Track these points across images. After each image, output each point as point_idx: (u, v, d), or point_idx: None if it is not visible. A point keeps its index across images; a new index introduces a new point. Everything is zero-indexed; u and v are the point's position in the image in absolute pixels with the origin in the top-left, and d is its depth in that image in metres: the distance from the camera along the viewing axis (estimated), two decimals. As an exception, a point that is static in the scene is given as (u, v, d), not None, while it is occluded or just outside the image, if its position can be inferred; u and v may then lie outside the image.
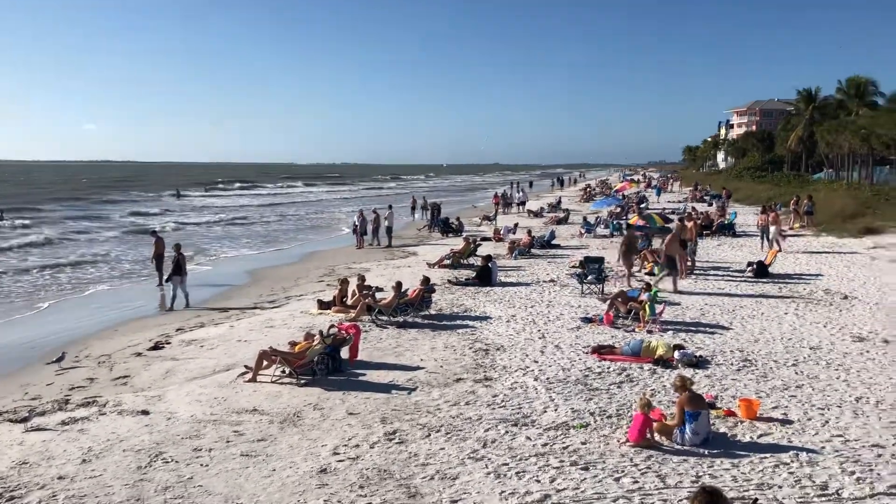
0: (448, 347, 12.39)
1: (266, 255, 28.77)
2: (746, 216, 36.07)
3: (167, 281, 17.81)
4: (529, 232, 26.94)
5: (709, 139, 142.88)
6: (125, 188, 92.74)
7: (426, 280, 15.59)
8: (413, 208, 43.69)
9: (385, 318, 14.41)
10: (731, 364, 11.15)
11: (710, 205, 46.96)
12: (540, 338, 12.94)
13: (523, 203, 48.59)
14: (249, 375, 10.78)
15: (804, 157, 76.18)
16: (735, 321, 14.16)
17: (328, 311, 15.50)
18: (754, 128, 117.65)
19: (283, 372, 10.85)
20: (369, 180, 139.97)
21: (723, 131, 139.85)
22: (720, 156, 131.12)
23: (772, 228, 24.57)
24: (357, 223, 29.62)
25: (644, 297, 14.23)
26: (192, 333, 14.36)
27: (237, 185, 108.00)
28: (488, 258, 19.66)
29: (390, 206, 31.45)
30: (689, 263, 19.85)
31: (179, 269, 17.56)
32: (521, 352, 12.00)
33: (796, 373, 10.69)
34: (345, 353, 11.49)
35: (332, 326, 11.95)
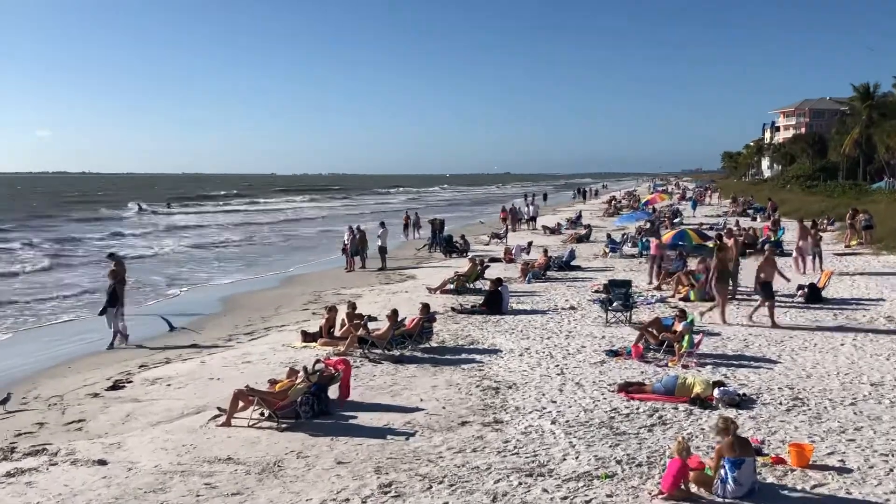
0: (452, 385, 12.37)
1: (243, 280, 28.80)
2: (795, 232, 36.01)
3: (101, 314, 17.16)
4: (545, 251, 26.99)
5: (751, 144, 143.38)
6: (86, 203, 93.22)
7: (426, 308, 15.60)
8: (406, 226, 43.55)
9: (379, 351, 14.41)
10: (780, 403, 11.11)
11: (755, 219, 47.06)
12: (558, 374, 12.93)
13: (534, 219, 48.44)
14: (223, 419, 10.77)
15: (861, 163, 76.36)
16: (784, 354, 14.13)
17: (313, 343, 15.49)
18: (803, 130, 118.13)
19: (262, 414, 10.81)
20: (371, 193, 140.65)
21: (767, 135, 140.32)
22: (765, 163, 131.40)
23: (800, 243, 24.81)
24: (346, 242, 29.66)
25: (679, 326, 14.20)
26: (157, 370, 14.36)
27: (216, 198, 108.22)
28: (498, 282, 19.69)
29: (383, 223, 31.52)
30: (729, 288, 19.83)
31: (115, 299, 17.03)
32: (537, 390, 11.97)
33: (855, 413, 10.64)
34: (333, 392, 11.49)
35: (318, 361, 11.94)
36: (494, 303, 18.86)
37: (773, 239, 31.26)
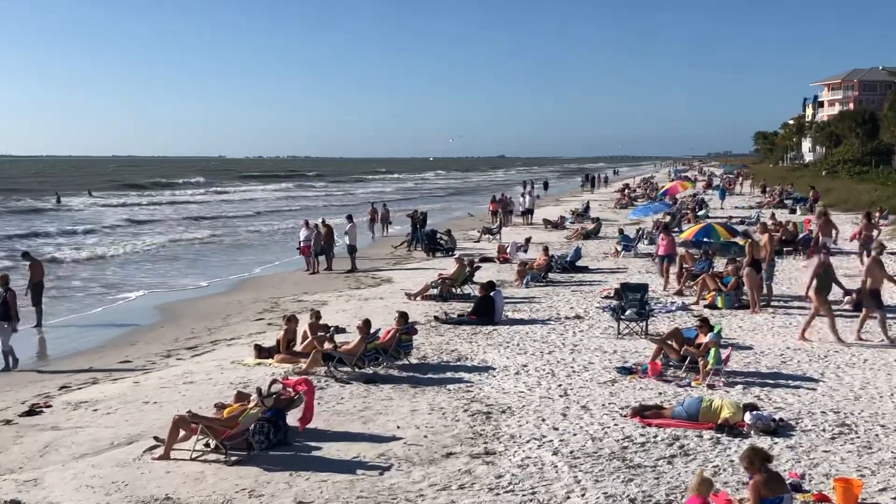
0: (435, 410, 12.38)
1: (185, 284, 28.72)
2: (842, 227, 36.29)
3: None
4: (546, 249, 27.03)
5: (790, 122, 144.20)
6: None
7: (404, 317, 15.58)
8: (373, 220, 43.54)
9: (348, 369, 14.40)
10: (824, 430, 11.16)
11: (794, 211, 47.34)
12: (561, 396, 12.95)
13: (530, 211, 48.30)
14: (161, 450, 10.73)
15: (920, 145, 77.02)
16: (828, 371, 14.22)
17: (269, 360, 15.48)
18: (851, 106, 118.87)
19: (208, 445, 10.80)
20: (350, 180, 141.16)
21: (809, 111, 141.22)
22: (806, 145, 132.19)
23: (821, 240, 25.05)
24: (302, 240, 29.58)
25: (704, 338, 14.25)
26: (82, 392, 14.29)
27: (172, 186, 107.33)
28: (490, 286, 19.70)
29: (350, 217, 31.51)
30: (763, 292, 19.93)
31: (8, 312, 16.63)
32: (536, 415, 11.99)
33: (912, 441, 10.73)
34: (292, 417, 11.47)
35: (274, 382, 11.92)
36: (485, 311, 18.86)
37: (813, 235, 31.38)
